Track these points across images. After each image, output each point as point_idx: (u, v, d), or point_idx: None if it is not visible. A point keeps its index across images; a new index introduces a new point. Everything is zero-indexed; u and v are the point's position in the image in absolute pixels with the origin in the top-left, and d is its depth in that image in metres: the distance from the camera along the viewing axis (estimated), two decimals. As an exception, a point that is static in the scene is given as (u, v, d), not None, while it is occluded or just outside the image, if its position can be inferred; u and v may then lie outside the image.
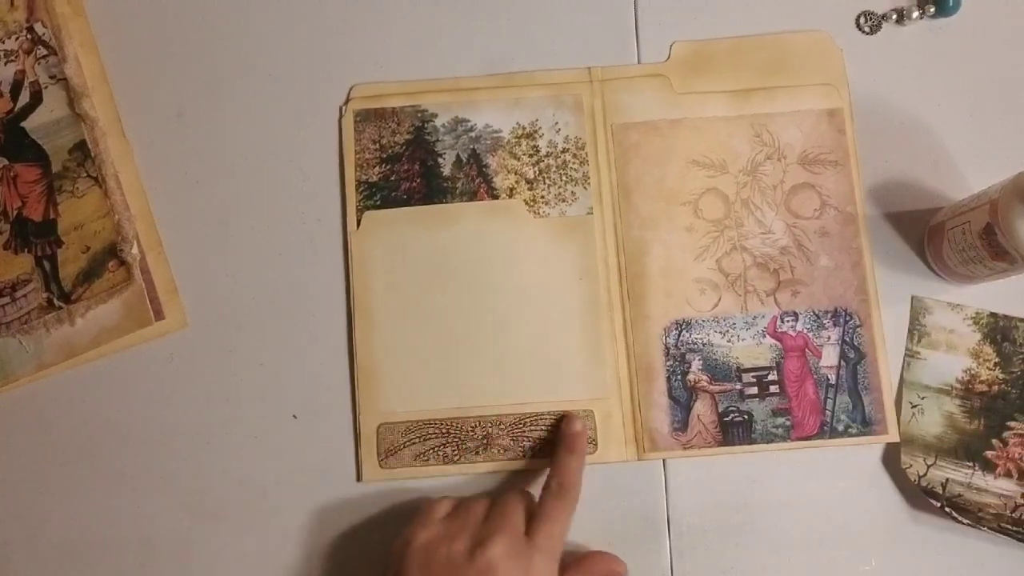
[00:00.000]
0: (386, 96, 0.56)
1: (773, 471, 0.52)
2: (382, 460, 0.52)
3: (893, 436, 0.52)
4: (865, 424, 0.52)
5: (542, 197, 0.55)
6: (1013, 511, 0.51)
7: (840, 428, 0.52)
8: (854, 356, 0.53)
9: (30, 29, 0.55)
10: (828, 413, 0.52)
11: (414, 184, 0.55)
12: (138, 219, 0.54)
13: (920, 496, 0.51)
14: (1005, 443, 0.52)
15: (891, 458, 0.52)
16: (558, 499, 0.47)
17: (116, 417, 0.53)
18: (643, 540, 0.51)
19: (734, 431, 0.52)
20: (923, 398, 0.52)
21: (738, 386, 0.52)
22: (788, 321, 0.53)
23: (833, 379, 0.52)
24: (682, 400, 0.52)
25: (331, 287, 0.54)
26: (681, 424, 0.52)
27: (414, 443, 0.52)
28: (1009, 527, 0.50)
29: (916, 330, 0.53)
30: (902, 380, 0.53)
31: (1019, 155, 0.55)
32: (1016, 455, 0.52)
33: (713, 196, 0.55)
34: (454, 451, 0.52)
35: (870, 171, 0.55)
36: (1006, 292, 0.53)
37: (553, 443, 0.51)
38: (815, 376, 0.52)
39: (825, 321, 0.53)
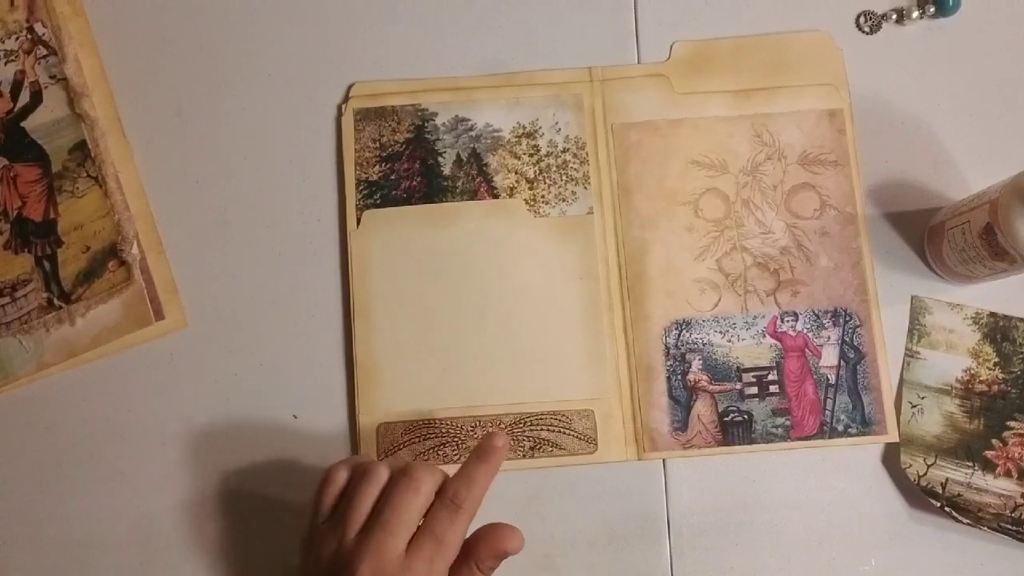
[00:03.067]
0: (386, 95, 0.56)
1: (773, 471, 0.52)
2: (381, 460, 0.52)
3: (893, 436, 0.52)
4: (865, 424, 0.52)
5: (542, 196, 0.55)
6: (1013, 511, 0.51)
7: (840, 428, 0.52)
8: (854, 356, 0.53)
9: (30, 29, 0.55)
10: (828, 413, 0.52)
11: (414, 183, 0.55)
12: (138, 219, 0.54)
13: (920, 496, 0.51)
14: (1005, 443, 0.52)
15: (891, 458, 0.52)
16: (452, 513, 0.41)
17: (116, 417, 0.53)
18: (643, 540, 0.51)
19: (734, 431, 0.52)
20: (923, 398, 0.52)
21: (738, 386, 0.52)
22: (788, 321, 0.53)
23: (833, 379, 0.52)
24: (682, 400, 0.52)
25: (331, 286, 0.54)
26: (681, 424, 0.52)
27: (414, 443, 0.52)
28: (1009, 527, 0.50)
29: (916, 330, 0.53)
30: (902, 380, 0.53)
31: (1019, 155, 0.55)
32: (1016, 455, 0.52)
33: (713, 196, 0.55)
34: (454, 451, 0.52)
35: (870, 171, 0.55)
36: (1006, 292, 0.53)
37: (554, 443, 0.51)
38: (815, 376, 0.52)
39: (825, 321, 0.53)
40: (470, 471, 0.43)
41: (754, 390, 0.52)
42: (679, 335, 0.53)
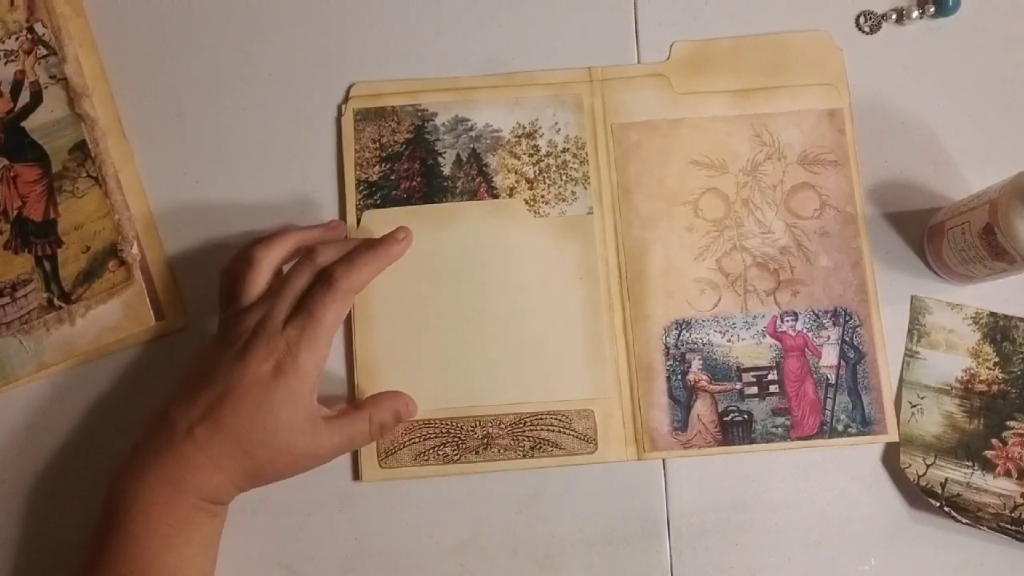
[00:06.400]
0: (386, 95, 0.56)
1: (773, 471, 0.52)
2: (382, 460, 0.52)
3: (893, 436, 0.52)
4: (865, 424, 0.52)
5: (542, 197, 0.55)
6: (1012, 511, 0.51)
7: (840, 428, 0.52)
8: (854, 356, 0.53)
9: (30, 29, 0.55)
10: (828, 413, 0.52)
11: (414, 183, 0.55)
12: (138, 219, 0.54)
13: (919, 496, 0.51)
14: (1004, 443, 0.52)
15: (891, 458, 0.52)
16: (326, 291, 0.46)
17: (116, 417, 0.53)
18: (643, 540, 0.51)
19: (734, 431, 0.52)
20: (923, 398, 0.52)
21: (738, 386, 0.52)
22: (788, 321, 0.53)
23: (833, 379, 0.52)
24: (682, 400, 0.52)
25: (331, 287, 0.54)
26: (681, 424, 0.52)
27: (414, 443, 0.52)
28: (1008, 527, 0.50)
29: (916, 330, 0.53)
30: (902, 380, 0.53)
31: (1019, 155, 0.55)
32: (1015, 455, 0.52)
33: (713, 196, 0.55)
34: (454, 451, 0.52)
35: (870, 171, 0.55)
36: (1006, 292, 0.53)
37: (554, 443, 0.51)
38: (815, 376, 0.52)
39: (825, 321, 0.53)
40: (355, 256, 0.48)
41: (754, 390, 0.52)
42: (679, 335, 0.53)
